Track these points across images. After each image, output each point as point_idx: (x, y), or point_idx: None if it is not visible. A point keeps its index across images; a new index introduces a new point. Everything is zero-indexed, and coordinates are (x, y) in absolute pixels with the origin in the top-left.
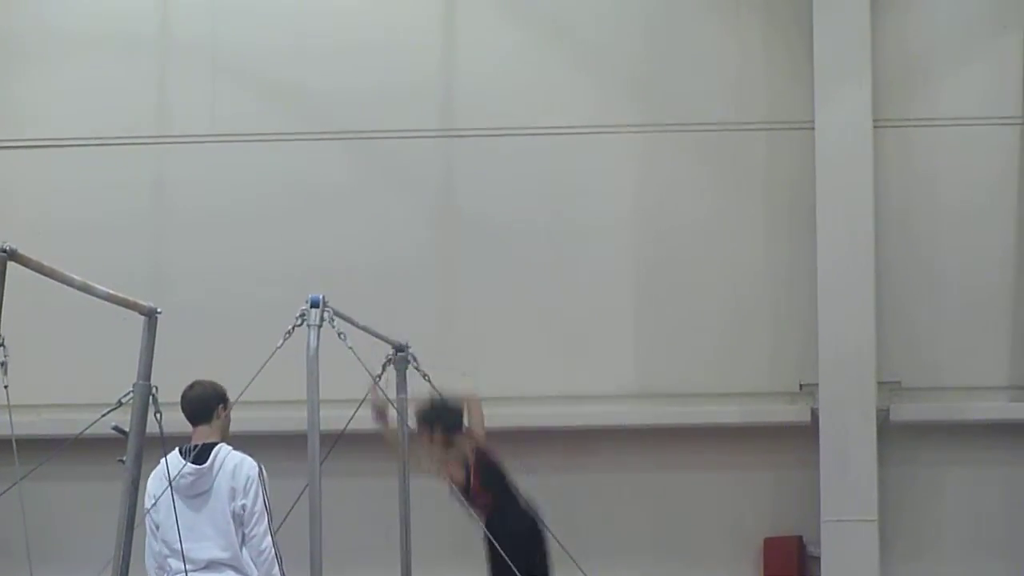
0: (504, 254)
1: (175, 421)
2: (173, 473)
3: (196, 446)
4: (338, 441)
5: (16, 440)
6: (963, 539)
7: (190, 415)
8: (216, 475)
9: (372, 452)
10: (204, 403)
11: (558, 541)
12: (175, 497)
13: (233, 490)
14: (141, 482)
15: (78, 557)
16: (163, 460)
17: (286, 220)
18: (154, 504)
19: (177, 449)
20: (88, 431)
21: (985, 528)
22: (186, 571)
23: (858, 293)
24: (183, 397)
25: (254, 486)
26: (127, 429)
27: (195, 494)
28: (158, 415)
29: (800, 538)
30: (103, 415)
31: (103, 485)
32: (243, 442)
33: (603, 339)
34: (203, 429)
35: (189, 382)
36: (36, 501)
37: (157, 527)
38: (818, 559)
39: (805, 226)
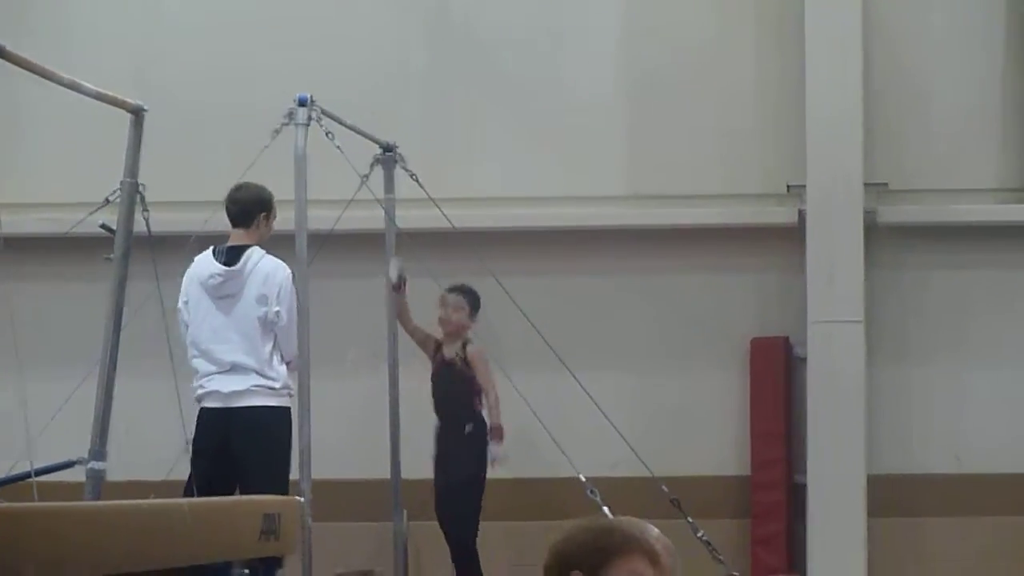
0: (497, 59)
1: (165, 220)
2: (205, 273)
3: (229, 248)
4: (326, 241)
5: (4, 239)
6: (948, 341)
7: (232, 217)
8: (247, 279)
9: (360, 252)
10: (247, 207)
11: (547, 343)
12: (206, 297)
13: (264, 296)
14: (134, 282)
15: (67, 357)
16: (196, 259)
17: (275, 21)
18: (186, 302)
19: (211, 249)
20: (77, 229)
21: (970, 330)
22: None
23: (846, 94)
24: (228, 197)
25: (288, 294)
26: (115, 228)
27: (223, 295)
28: (146, 213)
29: (787, 339)
30: (91, 213)
31: (92, 285)
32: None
33: (595, 142)
34: (240, 232)
35: (181, 181)
36: (24, 300)
37: (187, 326)
38: (804, 360)
39: (795, 29)
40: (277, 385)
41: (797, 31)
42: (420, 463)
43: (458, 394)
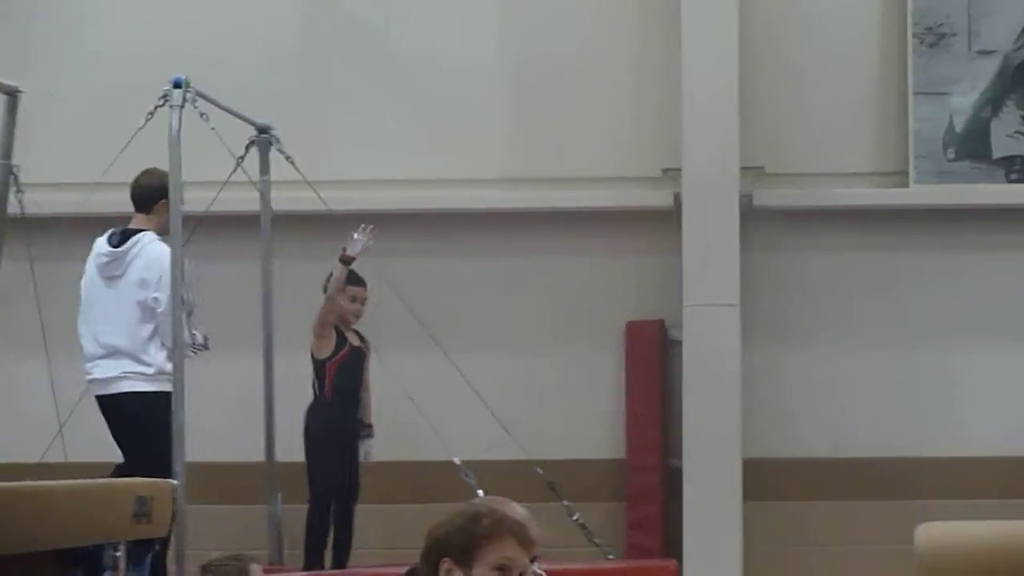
0: (376, 39)
1: (41, 202)
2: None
3: (123, 230)
4: (201, 223)
5: None
6: (824, 324)
7: (133, 200)
8: (131, 262)
9: (236, 234)
10: (146, 192)
11: (422, 324)
12: (98, 277)
13: (146, 281)
14: (8, 262)
15: None
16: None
17: (154, 1)
18: (84, 281)
19: (110, 231)
20: None
21: (845, 313)
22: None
23: (722, 78)
24: (133, 180)
25: (168, 281)
26: None
27: (109, 276)
28: (19, 194)
29: (662, 322)
30: None
31: None
32: (107, 223)
33: (473, 124)
34: (140, 217)
35: (64, 163)
36: None
37: (83, 303)
38: (680, 343)
39: (671, 12)
40: (150, 371)
41: (674, 14)
42: (295, 446)
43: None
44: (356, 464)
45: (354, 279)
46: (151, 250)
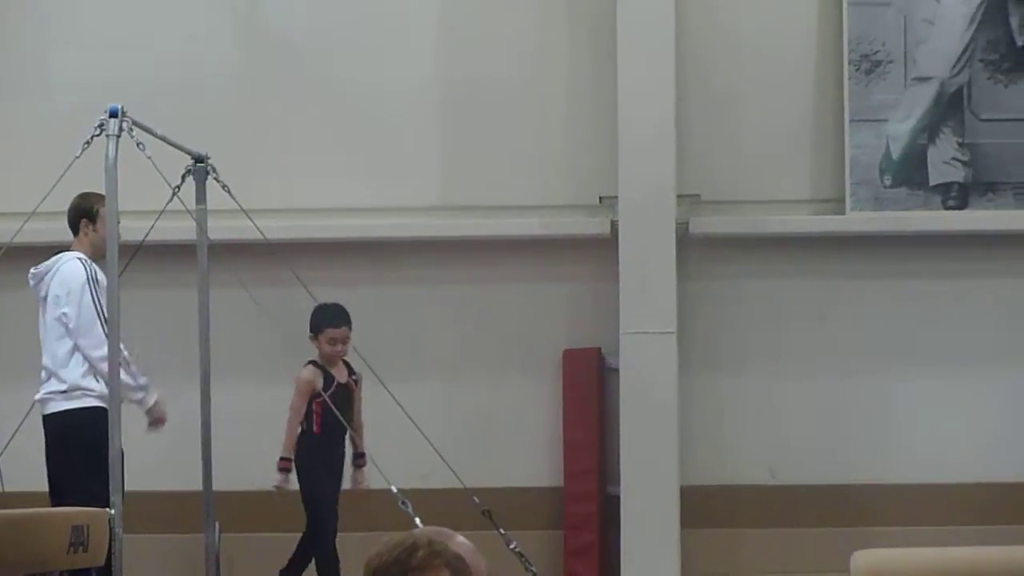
0: (310, 69)
1: None
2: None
3: (54, 253)
4: (137, 252)
5: None
6: (761, 352)
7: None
8: (50, 281)
9: (171, 263)
10: (70, 215)
11: (359, 353)
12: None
13: (58, 297)
14: None
15: None
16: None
17: (85, 28)
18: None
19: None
20: None
21: (782, 340)
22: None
23: (658, 105)
24: None
25: (77, 295)
26: None
27: (39, 297)
28: None
29: (599, 350)
30: None
31: None
32: (42, 253)
33: (408, 153)
34: (74, 241)
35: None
36: None
37: None
38: (617, 371)
39: (607, 40)
40: (64, 387)
41: (610, 42)
42: (233, 475)
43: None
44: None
45: (331, 320)
46: (65, 268)
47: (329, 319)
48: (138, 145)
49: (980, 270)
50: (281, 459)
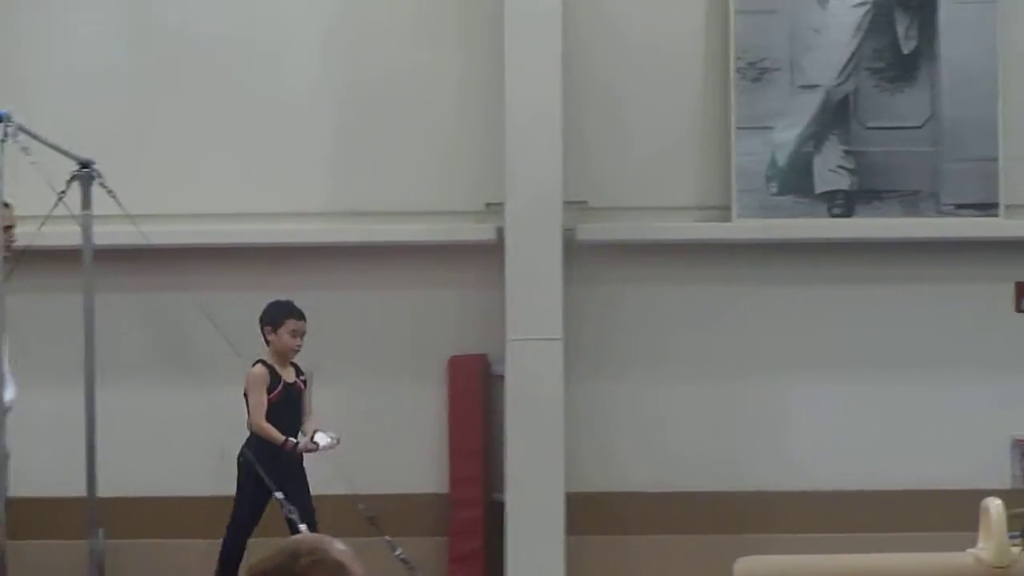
0: (198, 73)
1: None
2: None
3: None
4: (23, 257)
5: None
6: (647, 357)
7: None
8: None
9: (57, 267)
10: None
11: (246, 362)
12: None
13: None
14: None
15: None
16: None
17: None
18: None
19: None
20: None
21: (669, 346)
22: None
23: (545, 112)
24: None
25: None
26: None
27: None
28: None
29: (485, 356)
30: None
31: None
32: None
33: (300, 158)
34: None
35: None
36: None
37: None
38: (503, 377)
39: (495, 45)
40: None
41: (498, 49)
42: (118, 480)
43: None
44: (307, 488)
45: (293, 311)
46: None
47: (291, 310)
48: (23, 150)
49: (865, 277)
50: (285, 442)
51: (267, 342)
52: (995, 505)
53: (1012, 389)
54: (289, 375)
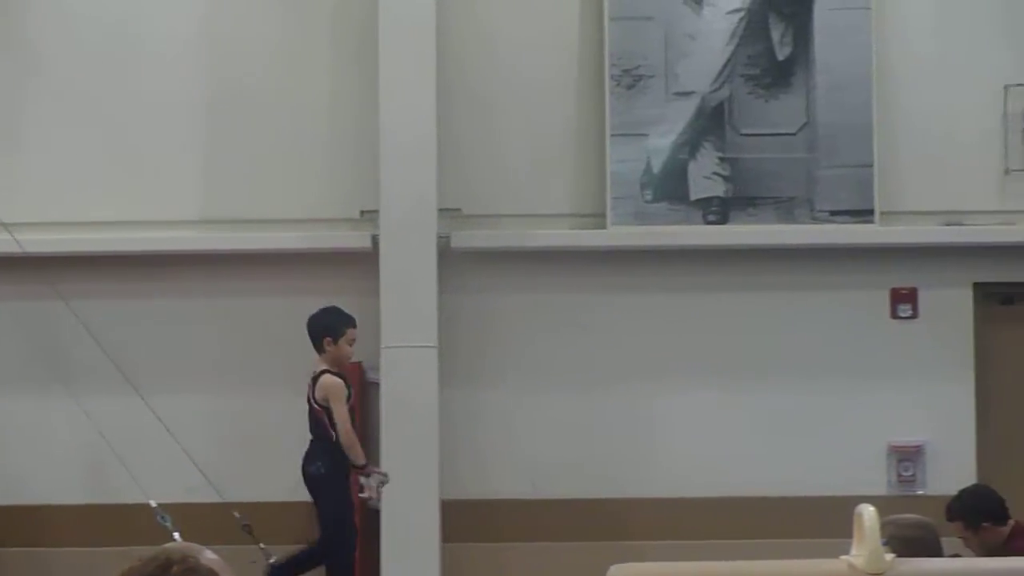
0: (72, 81)
1: None
2: None
3: None
4: None
5: None
6: (522, 365)
7: None
8: None
9: None
10: None
11: (118, 367)
12: None
13: None
14: None
15: None
16: None
17: None
18: None
19: None
20: None
21: (544, 354)
22: None
23: (420, 121)
24: None
25: None
26: None
27: None
28: None
29: (360, 364)
30: None
31: None
32: None
33: (174, 166)
34: None
35: None
36: None
37: None
38: (378, 384)
39: (369, 53)
40: None
41: (372, 57)
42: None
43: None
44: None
45: (349, 320)
46: None
47: (349, 319)
48: None
49: (741, 284)
50: (356, 468)
51: (321, 351)
52: (868, 512)
53: (888, 396)
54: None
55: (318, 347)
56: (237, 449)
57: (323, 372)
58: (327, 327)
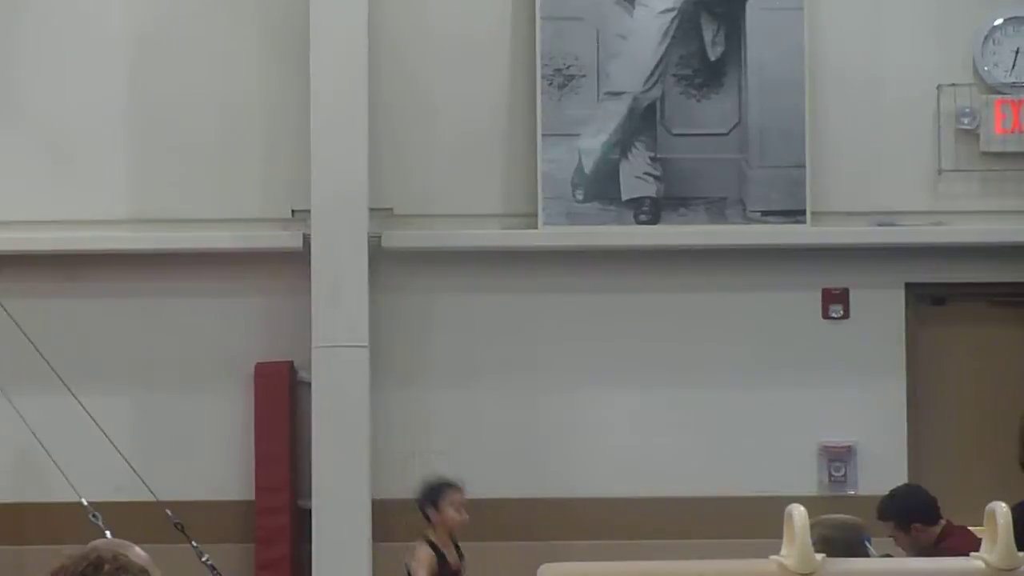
0: (4, 74)
1: None
2: None
3: None
4: None
5: None
6: (453, 364)
7: None
8: None
9: None
10: None
11: (50, 364)
12: None
13: None
14: None
15: None
16: None
17: None
18: None
19: None
20: None
21: (474, 354)
22: None
23: (351, 119)
24: None
25: None
26: None
27: None
28: None
29: (291, 363)
30: None
31: None
32: None
33: (95, 163)
34: None
35: None
36: None
37: None
38: (309, 384)
39: (300, 51)
40: None
41: (303, 54)
42: None
43: None
44: None
45: (453, 485)
46: None
47: (448, 484)
48: None
49: (673, 285)
50: None
51: (429, 520)
52: (799, 511)
53: (819, 396)
54: (452, 554)
55: (426, 518)
56: (170, 447)
57: (421, 540)
58: (424, 497)
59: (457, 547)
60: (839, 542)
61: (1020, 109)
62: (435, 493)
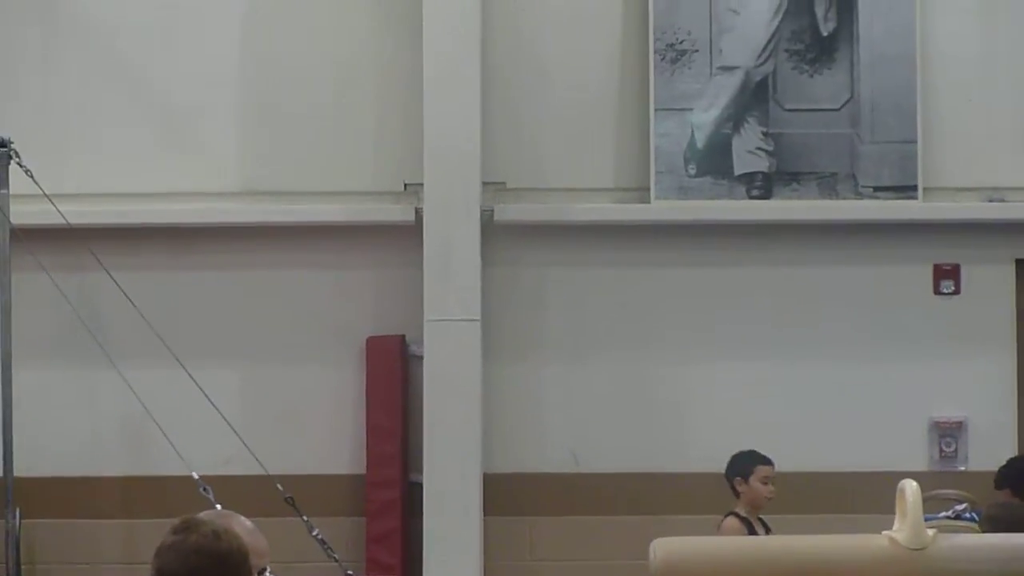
0: (112, 50)
1: None
2: None
3: None
4: None
5: None
6: (564, 339)
7: None
8: None
9: None
10: None
11: (160, 337)
12: None
13: None
14: None
15: None
16: None
17: None
18: None
19: None
20: None
21: (586, 328)
22: None
23: (464, 92)
24: None
25: None
26: None
27: None
28: None
29: (403, 337)
30: None
31: None
32: None
33: (206, 135)
34: None
35: None
36: None
37: None
38: (421, 358)
39: (412, 24)
40: None
41: (416, 27)
42: (35, 460)
43: None
44: None
45: (761, 458)
46: None
47: (758, 457)
48: None
49: (784, 259)
50: None
51: (737, 494)
52: (911, 487)
53: (930, 371)
54: (759, 528)
55: (733, 491)
56: (280, 420)
57: (728, 514)
58: (734, 468)
59: (763, 522)
60: (1001, 521)
61: None
62: (746, 467)
